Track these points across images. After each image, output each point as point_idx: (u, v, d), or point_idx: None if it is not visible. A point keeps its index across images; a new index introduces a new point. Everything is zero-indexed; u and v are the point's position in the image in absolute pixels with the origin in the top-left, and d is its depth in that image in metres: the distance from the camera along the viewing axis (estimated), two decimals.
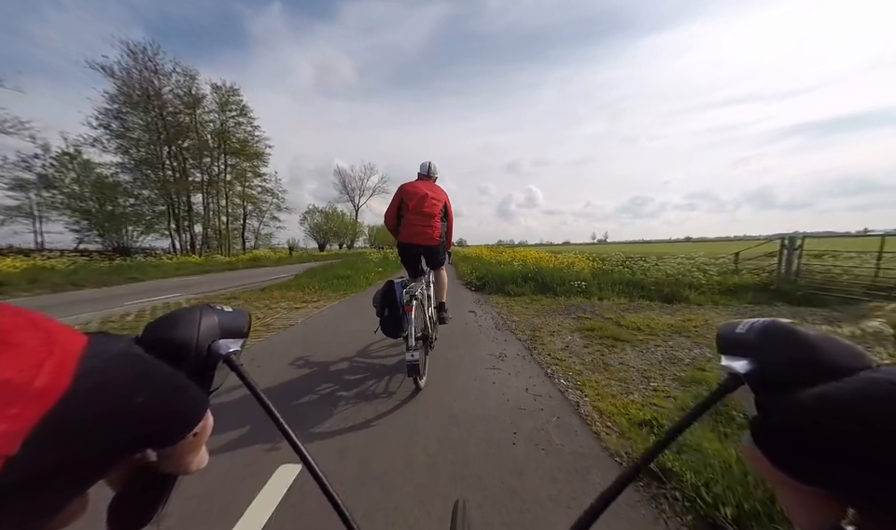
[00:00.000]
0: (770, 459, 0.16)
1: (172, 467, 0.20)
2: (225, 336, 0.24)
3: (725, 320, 0.37)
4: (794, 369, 0.17)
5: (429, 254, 2.61)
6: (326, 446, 1.63)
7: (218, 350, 0.23)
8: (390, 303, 2.20)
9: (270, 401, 0.24)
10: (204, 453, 0.22)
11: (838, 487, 0.14)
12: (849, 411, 0.13)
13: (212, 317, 0.24)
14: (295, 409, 2.01)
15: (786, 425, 0.15)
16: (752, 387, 0.18)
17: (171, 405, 0.18)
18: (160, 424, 0.17)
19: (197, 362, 0.22)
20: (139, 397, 0.16)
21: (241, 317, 0.26)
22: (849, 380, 0.14)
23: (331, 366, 2.70)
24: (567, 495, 1.30)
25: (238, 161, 30.60)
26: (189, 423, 0.19)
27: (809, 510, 0.16)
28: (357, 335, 3.61)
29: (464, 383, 2.30)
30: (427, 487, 1.34)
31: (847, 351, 0.17)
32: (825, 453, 0.14)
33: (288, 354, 3.01)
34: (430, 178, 2.72)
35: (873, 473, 0.12)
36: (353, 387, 2.28)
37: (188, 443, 0.20)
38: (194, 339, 0.22)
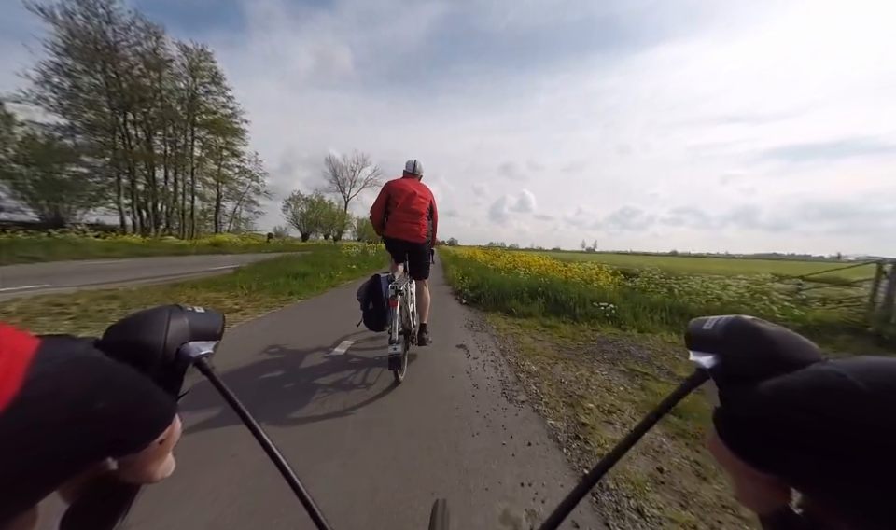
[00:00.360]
0: (730, 448, 0.17)
1: (134, 477, 0.19)
2: (196, 338, 0.23)
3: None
4: (755, 363, 0.18)
5: (415, 252, 2.60)
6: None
7: (188, 353, 0.22)
8: (375, 297, 2.25)
9: (242, 405, 0.23)
10: (171, 460, 0.21)
11: (790, 473, 0.15)
12: (801, 401, 0.14)
13: (182, 319, 0.23)
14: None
15: (745, 415, 0.17)
16: (717, 381, 0.19)
17: (134, 412, 0.17)
18: (121, 431, 0.17)
19: (165, 366, 0.21)
20: (98, 404, 0.15)
21: (214, 319, 0.26)
22: (801, 372, 0.16)
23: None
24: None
25: (211, 137, 27.78)
26: (155, 430, 0.19)
27: (761, 495, 0.17)
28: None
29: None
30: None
31: (802, 345, 0.18)
32: (779, 441, 0.15)
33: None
34: (416, 176, 2.74)
35: (821, 459, 0.13)
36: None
37: (152, 451, 0.19)
38: (161, 341, 0.21)
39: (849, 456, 0.12)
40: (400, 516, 1.12)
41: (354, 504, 1.17)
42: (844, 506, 0.13)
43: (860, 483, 0.12)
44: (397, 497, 1.21)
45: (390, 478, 1.30)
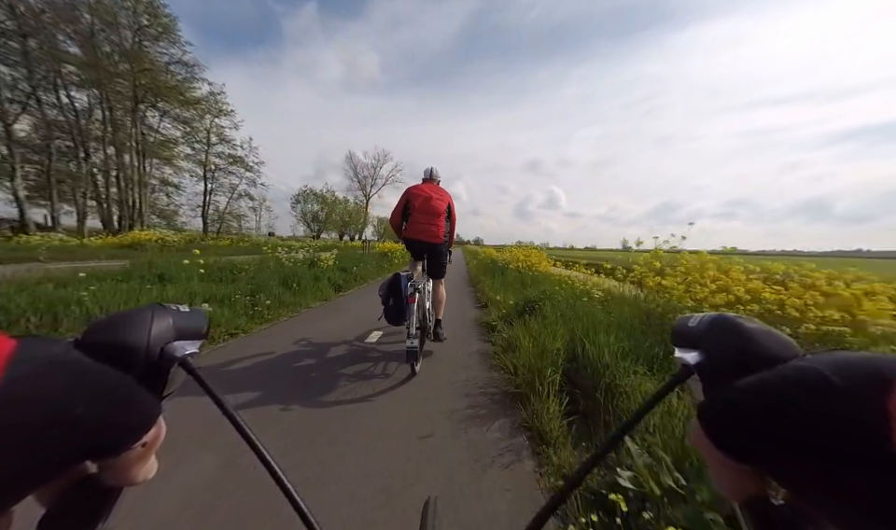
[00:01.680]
0: (712, 440, 0.18)
1: (115, 479, 0.19)
2: (181, 337, 0.23)
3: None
4: (736, 359, 0.19)
5: (433, 252, 2.78)
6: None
7: (173, 353, 0.22)
8: (395, 294, 2.48)
9: (230, 407, 0.24)
10: (153, 462, 0.21)
11: (767, 464, 0.16)
12: (779, 395, 0.15)
13: (165, 318, 0.23)
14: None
15: (726, 410, 0.18)
16: (701, 376, 0.21)
17: (115, 414, 0.17)
18: (102, 434, 0.16)
19: (148, 366, 0.21)
20: (77, 407, 0.15)
21: (199, 317, 0.26)
22: (782, 368, 0.17)
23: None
24: None
25: (190, 115, 21.18)
26: (137, 432, 0.18)
27: (739, 484, 0.18)
28: None
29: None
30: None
31: (782, 342, 0.19)
32: (758, 433, 0.16)
33: None
34: (434, 181, 2.93)
35: (797, 451, 0.14)
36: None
37: (134, 454, 0.19)
38: (144, 341, 0.21)
39: (823, 448, 0.13)
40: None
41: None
42: (819, 495, 0.14)
43: (833, 473, 0.13)
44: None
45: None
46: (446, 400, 1.94)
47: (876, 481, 0.12)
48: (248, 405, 1.82)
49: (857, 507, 0.13)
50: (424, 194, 2.72)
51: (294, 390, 2.01)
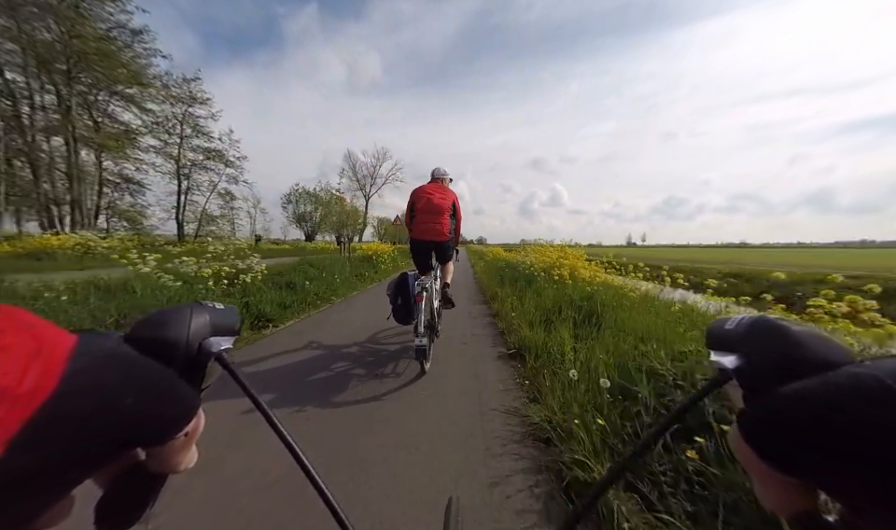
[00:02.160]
0: (755, 451, 0.17)
1: (161, 467, 0.21)
2: (216, 334, 0.24)
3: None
4: (780, 364, 0.18)
5: (439, 249, 2.80)
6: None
7: (210, 348, 0.23)
8: (403, 293, 2.51)
9: (262, 399, 0.24)
10: (194, 451, 0.22)
11: (818, 478, 0.15)
12: (832, 404, 0.14)
13: (203, 315, 0.24)
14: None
15: (770, 418, 0.17)
16: (740, 382, 0.20)
17: (161, 405, 0.18)
18: (149, 424, 0.18)
19: (187, 360, 0.22)
20: (128, 398, 0.16)
21: (232, 315, 0.27)
22: (833, 375, 0.15)
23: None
24: None
25: (119, 87, 16.57)
26: (180, 423, 0.20)
27: (785, 498, 0.17)
28: None
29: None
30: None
31: (832, 347, 0.18)
32: (808, 445, 0.15)
33: None
34: (440, 181, 2.94)
35: (855, 465, 0.13)
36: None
37: (178, 443, 0.20)
38: (184, 337, 0.22)
39: (881, 461, 0.12)
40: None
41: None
42: (876, 512, 0.13)
43: (892, 489, 0.12)
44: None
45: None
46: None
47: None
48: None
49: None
50: (427, 194, 2.76)
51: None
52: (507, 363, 2.58)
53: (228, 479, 1.29)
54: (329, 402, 1.94)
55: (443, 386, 2.14)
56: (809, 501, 0.17)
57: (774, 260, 25.13)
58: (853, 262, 18.64)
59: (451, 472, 1.37)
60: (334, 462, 1.42)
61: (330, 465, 1.40)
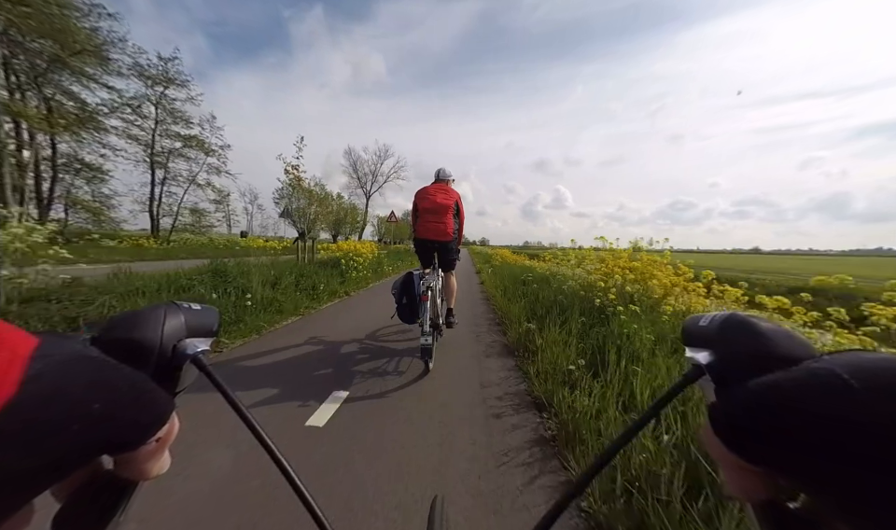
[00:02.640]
0: (722, 441, 0.18)
1: (130, 474, 0.20)
2: (193, 335, 0.24)
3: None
4: (749, 360, 0.19)
5: (442, 249, 2.83)
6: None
7: (185, 350, 0.23)
8: (408, 292, 2.58)
9: (240, 401, 0.24)
10: (167, 457, 0.22)
11: (780, 466, 0.16)
12: (792, 397, 0.15)
13: (178, 316, 0.24)
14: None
15: (736, 410, 0.17)
16: (712, 377, 0.20)
17: (131, 410, 0.18)
18: (118, 430, 0.17)
19: (161, 363, 0.22)
20: (95, 403, 0.16)
21: (210, 315, 0.26)
22: (794, 369, 0.16)
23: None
24: None
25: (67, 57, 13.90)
26: (151, 428, 0.19)
27: (750, 486, 0.18)
28: None
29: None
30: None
31: (796, 342, 0.19)
32: (770, 436, 0.15)
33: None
34: (444, 181, 3.00)
35: (811, 454, 0.14)
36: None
37: (149, 449, 0.19)
38: (157, 339, 0.22)
39: (838, 451, 0.13)
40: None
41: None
42: (834, 500, 0.14)
43: (848, 478, 0.13)
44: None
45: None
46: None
47: (894, 486, 0.12)
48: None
49: (873, 513, 0.12)
50: (429, 194, 2.83)
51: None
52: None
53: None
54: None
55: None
56: (772, 489, 0.18)
57: (809, 269, 22.66)
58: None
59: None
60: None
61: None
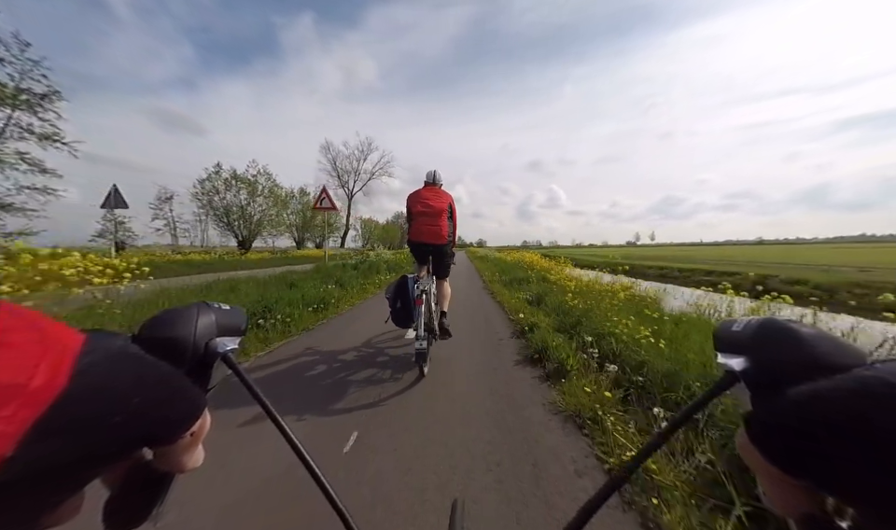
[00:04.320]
0: (762, 452, 0.17)
1: (168, 466, 0.21)
2: (222, 334, 0.25)
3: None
4: (788, 367, 0.18)
5: (437, 253, 2.82)
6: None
7: (216, 348, 0.24)
8: (402, 296, 2.55)
9: (267, 399, 0.25)
10: (200, 451, 0.23)
11: (826, 480, 0.15)
12: (842, 407, 0.14)
13: (209, 315, 0.24)
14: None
15: (778, 420, 0.17)
16: (748, 384, 0.20)
17: (168, 405, 0.19)
18: (157, 424, 0.18)
19: (194, 360, 0.23)
20: (136, 397, 0.17)
21: (238, 315, 0.27)
22: (842, 377, 0.15)
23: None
24: None
25: None
26: (187, 422, 0.20)
27: (792, 500, 0.17)
28: None
29: None
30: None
31: (843, 349, 0.18)
32: (816, 448, 0.15)
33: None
34: (436, 185, 2.99)
35: (864, 469, 0.13)
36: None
37: (184, 442, 0.21)
38: (191, 337, 0.23)
39: (890, 466, 0.12)
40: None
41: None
42: (885, 518, 0.13)
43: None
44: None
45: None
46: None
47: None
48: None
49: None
50: (422, 198, 2.82)
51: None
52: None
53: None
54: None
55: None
56: (817, 503, 0.17)
57: (822, 259, 20.27)
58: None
59: None
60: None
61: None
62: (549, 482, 1.32)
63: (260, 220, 26.99)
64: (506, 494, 1.25)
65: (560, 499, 1.23)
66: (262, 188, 26.44)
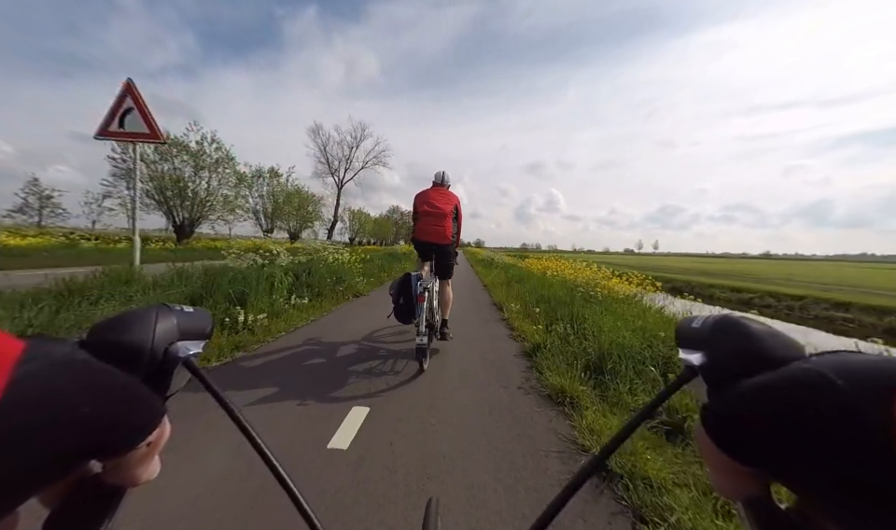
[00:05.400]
0: (714, 441, 0.18)
1: (119, 479, 0.20)
2: (185, 338, 0.24)
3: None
4: (740, 361, 0.19)
5: (440, 252, 2.98)
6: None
7: (177, 353, 0.23)
8: (405, 293, 2.63)
9: (232, 404, 0.24)
10: (157, 462, 0.22)
11: (770, 465, 0.16)
12: (781, 397, 0.16)
13: (169, 318, 0.23)
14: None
15: (727, 411, 0.18)
16: (704, 378, 0.21)
17: (121, 414, 0.18)
18: (108, 434, 0.17)
19: (152, 366, 0.21)
20: (84, 407, 0.16)
21: (203, 318, 0.26)
22: (784, 370, 0.17)
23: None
24: None
25: None
26: (142, 432, 0.19)
27: (739, 485, 0.19)
28: None
29: None
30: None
31: (786, 343, 0.19)
32: (760, 435, 0.16)
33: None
34: (443, 185, 3.16)
35: (798, 452, 0.14)
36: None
37: (139, 453, 0.19)
38: (149, 341, 0.21)
39: (827, 452, 0.13)
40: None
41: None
42: (823, 498, 0.14)
43: (837, 478, 0.13)
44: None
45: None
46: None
47: (880, 486, 0.12)
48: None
49: (860, 512, 0.13)
50: (430, 198, 2.98)
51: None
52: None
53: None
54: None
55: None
56: (761, 487, 0.18)
57: (851, 279, 18.95)
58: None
59: None
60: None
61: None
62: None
63: (206, 200, 21.18)
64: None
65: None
66: (209, 160, 20.50)
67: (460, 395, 2.21)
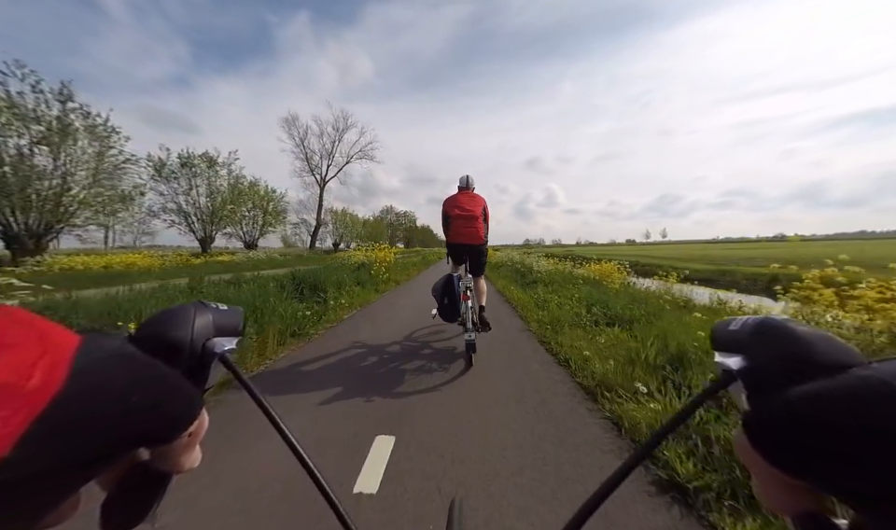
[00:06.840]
0: (760, 452, 0.17)
1: (165, 466, 0.21)
2: (220, 334, 0.25)
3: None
4: (786, 366, 0.18)
5: (474, 253, 3.22)
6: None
7: (213, 348, 0.24)
8: (449, 293, 3.02)
9: (264, 399, 0.25)
10: (198, 451, 0.23)
11: (824, 480, 0.15)
12: (840, 407, 0.14)
13: (206, 315, 0.25)
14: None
15: (777, 421, 0.17)
16: (745, 383, 0.20)
17: (165, 405, 0.19)
18: (154, 424, 0.18)
19: (191, 360, 0.23)
20: (133, 397, 0.17)
21: (235, 315, 0.28)
22: (840, 377, 0.15)
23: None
24: None
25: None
26: (184, 422, 0.20)
27: (790, 500, 0.18)
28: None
29: None
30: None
31: (840, 348, 0.18)
32: (814, 448, 0.15)
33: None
34: (469, 188, 3.36)
35: (862, 469, 0.13)
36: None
37: (182, 443, 0.21)
38: (188, 337, 0.23)
39: (888, 464, 0.12)
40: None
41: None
42: (884, 517, 0.13)
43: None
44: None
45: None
46: None
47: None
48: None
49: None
50: (459, 202, 3.22)
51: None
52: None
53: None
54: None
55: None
56: (815, 502, 0.17)
57: (874, 254, 18.15)
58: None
59: None
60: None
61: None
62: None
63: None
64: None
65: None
66: (55, 127, 13.54)
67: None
